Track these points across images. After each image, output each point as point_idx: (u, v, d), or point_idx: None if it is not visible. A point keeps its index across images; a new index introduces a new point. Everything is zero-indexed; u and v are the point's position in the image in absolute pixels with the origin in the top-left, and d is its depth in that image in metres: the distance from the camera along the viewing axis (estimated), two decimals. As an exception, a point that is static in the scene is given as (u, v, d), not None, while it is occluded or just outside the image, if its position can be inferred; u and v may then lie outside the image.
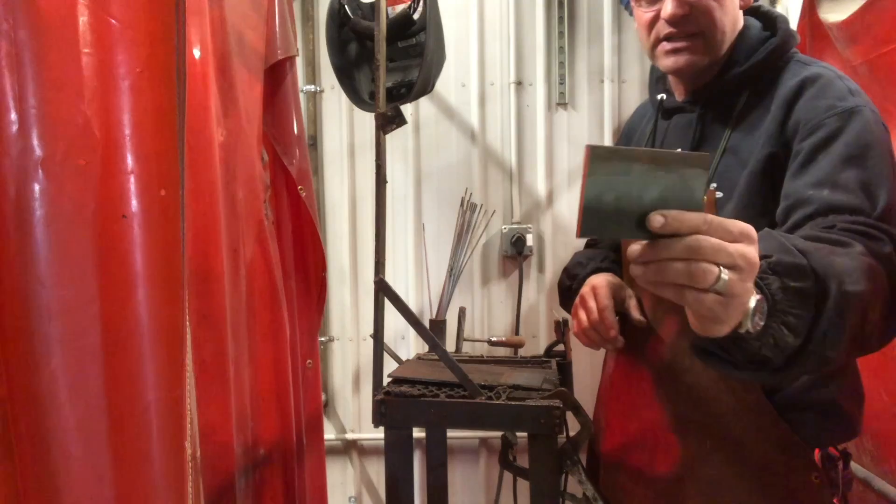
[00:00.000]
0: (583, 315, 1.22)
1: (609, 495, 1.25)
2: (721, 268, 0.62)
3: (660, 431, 1.14)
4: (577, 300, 1.26)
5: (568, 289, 1.40)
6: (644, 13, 1.13)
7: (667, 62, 1.14)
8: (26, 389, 0.65)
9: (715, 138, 1.11)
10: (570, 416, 1.17)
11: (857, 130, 0.95)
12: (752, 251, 0.64)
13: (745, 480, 1.03)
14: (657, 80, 1.29)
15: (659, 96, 1.24)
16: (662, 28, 1.11)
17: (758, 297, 0.68)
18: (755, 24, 1.15)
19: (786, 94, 1.04)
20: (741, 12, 1.14)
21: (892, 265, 0.82)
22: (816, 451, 1.04)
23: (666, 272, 0.63)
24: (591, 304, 1.20)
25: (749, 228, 0.66)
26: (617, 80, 2.25)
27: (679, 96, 1.24)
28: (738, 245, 0.64)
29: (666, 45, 1.12)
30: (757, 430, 1.02)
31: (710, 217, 0.64)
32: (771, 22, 1.14)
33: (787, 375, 0.76)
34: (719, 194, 1.07)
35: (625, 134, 1.47)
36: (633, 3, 1.17)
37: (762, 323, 0.69)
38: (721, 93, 1.13)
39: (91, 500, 0.68)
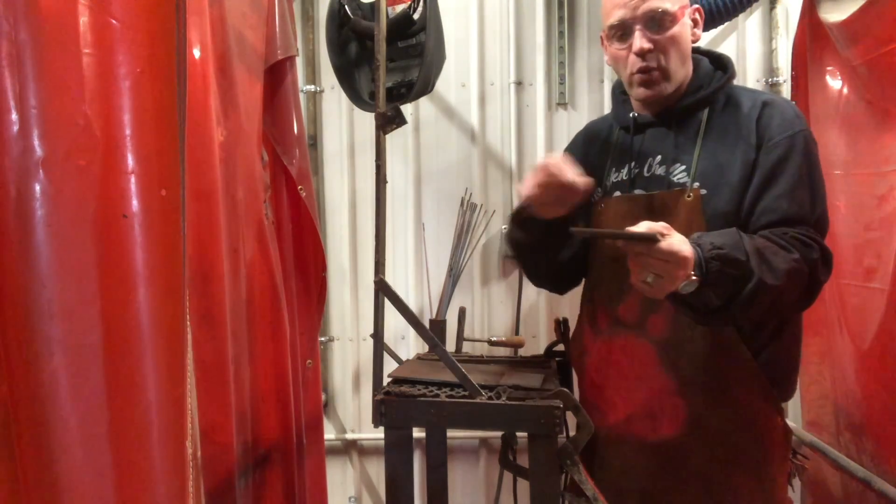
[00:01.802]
0: (539, 171, 1.29)
1: (606, 475, 1.36)
2: (651, 274, 1.08)
3: (666, 397, 1.30)
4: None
5: (517, 214, 1.46)
6: (618, 50, 1.36)
7: (639, 91, 1.36)
8: (26, 389, 0.65)
9: (689, 144, 1.33)
10: (570, 415, 1.17)
11: (803, 152, 1.25)
12: (676, 270, 1.07)
13: (738, 427, 1.28)
14: (623, 101, 1.48)
15: (632, 115, 1.41)
16: (634, 62, 1.33)
17: (693, 278, 1.08)
18: (704, 59, 1.41)
19: (750, 111, 1.30)
20: (691, 49, 1.39)
21: (814, 266, 1.18)
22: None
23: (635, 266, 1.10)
24: (547, 160, 1.30)
25: (677, 254, 1.06)
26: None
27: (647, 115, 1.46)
28: (665, 265, 1.06)
29: (640, 77, 1.33)
30: (745, 384, 1.27)
31: (660, 245, 1.05)
32: (721, 60, 1.41)
33: (715, 320, 1.17)
34: (703, 191, 1.27)
35: (581, 143, 1.57)
36: (605, 43, 1.39)
37: (692, 290, 1.09)
38: (686, 111, 1.36)
39: (91, 499, 0.68)
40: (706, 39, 2.19)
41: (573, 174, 1.26)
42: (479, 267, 2.27)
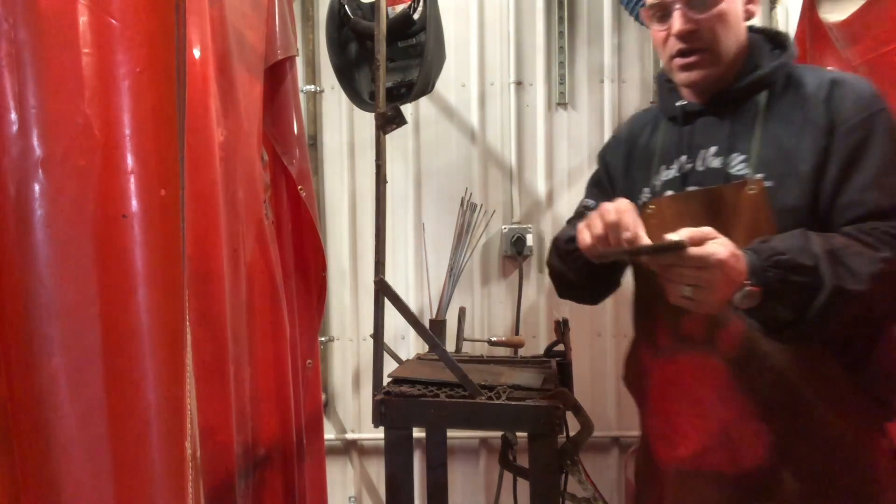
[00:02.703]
0: (597, 221, 1.06)
1: None
2: (686, 287, 0.96)
3: (745, 422, 1.13)
4: (587, 220, 1.11)
5: (570, 241, 1.26)
6: (657, 31, 1.22)
7: (681, 76, 1.20)
8: (26, 389, 0.65)
9: (746, 132, 1.15)
10: (570, 416, 1.17)
11: (886, 134, 1.07)
12: (712, 277, 0.94)
13: (832, 455, 1.09)
14: (669, 90, 1.30)
15: (679, 103, 1.25)
16: (674, 44, 1.18)
17: (748, 288, 0.96)
18: (759, 38, 1.24)
19: (816, 91, 1.12)
20: (745, 26, 1.21)
21: None
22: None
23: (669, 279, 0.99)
24: (608, 208, 1.06)
25: (709, 257, 0.93)
26: (617, 79, 2.25)
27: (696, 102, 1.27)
28: (699, 272, 0.94)
29: (679, 61, 1.19)
30: (837, 403, 1.09)
31: (686, 253, 0.93)
32: (779, 38, 1.24)
33: (791, 335, 1.03)
34: (768, 184, 1.09)
35: (625, 140, 1.38)
36: (646, 22, 1.25)
37: (751, 302, 0.98)
38: (742, 94, 1.18)
39: (91, 499, 0.68)
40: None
41: (639, 232, 1.01)
42: (479, 267, 2.27)
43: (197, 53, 1.16)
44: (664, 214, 1.19)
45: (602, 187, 1.40)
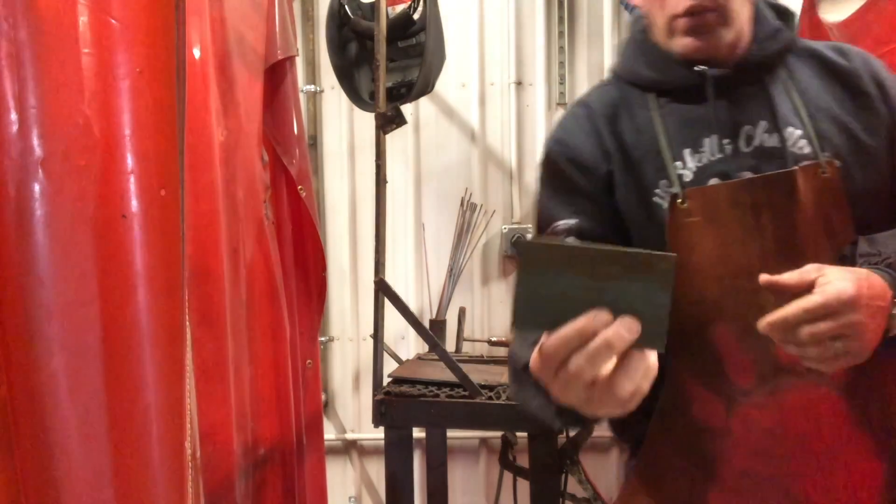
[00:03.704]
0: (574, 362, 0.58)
1: None
2: (833, 342, 0.72)
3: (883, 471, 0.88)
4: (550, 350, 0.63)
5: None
6: None
7: (685, 42, 0.92)
8: (26, 389, 0.65)
9: (789, 104, 0.93)
10: (570, 416, 1.17)
11: None
12: (854, 318, 0.72)
13: None
14: (659, 56, 0.97)
15: (699, 68, 0.93)
16: (680, 1, 0.89)
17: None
18: (765, 7, 1.01)
19: (836, 58, 0.95)
20: None
21: None
22: None
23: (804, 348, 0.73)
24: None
25: (847, 293, 0.71)
26: (617, 80, 2.25)
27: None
28: (840, 319, 0.71)
29: (684, 22, 0.91)
30: None
31: (807, 305, 0.70)
32: (784, 12, 1.03)
33: None
34: (837, 164, 0.88)
35: (600, 129, 0.99)
36: None
37: None
38: (769, 60, 0.95)
39: (91, 499, 0.68)
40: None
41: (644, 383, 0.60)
42: (479, 267, 2.27)
43: (197, 53, 1.16)
44: (710, 209, 0.88)
45: (578, 193, 0.96)
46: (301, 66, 2.23)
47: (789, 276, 0.74)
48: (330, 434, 2.29)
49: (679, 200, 0.89)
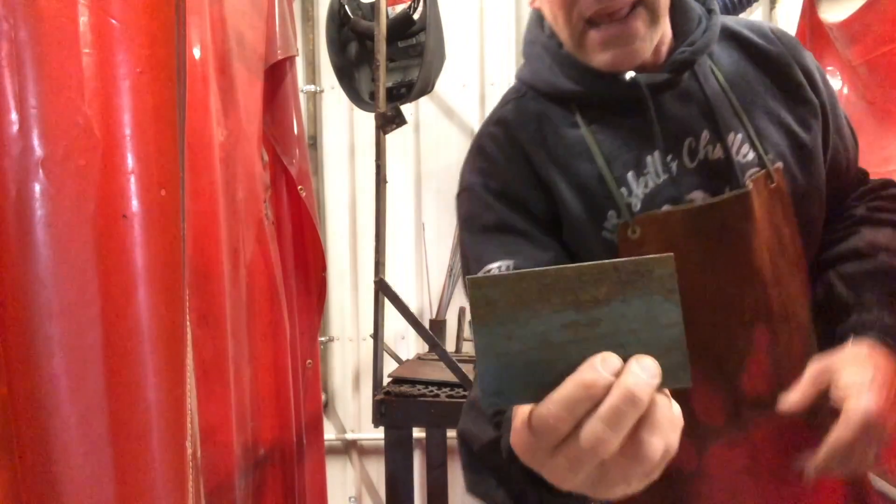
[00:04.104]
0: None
1: None
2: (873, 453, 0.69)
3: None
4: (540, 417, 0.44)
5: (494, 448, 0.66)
6: None
7: (603, 57, 0.75)
8: (26, 389, 0.65)
9: (725, 104, 0.82)
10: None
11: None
12: (883, 430, 0.68)
13: None
14: (572, 61, 0.80)
15: (630, 76, 0.78)
16: (589, 3, 0.72)
17: None
18: None
19: (759, 40, 0.85)
20: None
21: None
22: None
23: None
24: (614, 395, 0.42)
25: (872, 412, 0.67)
26: (617, 80, 2.25)
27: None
28: (872, 437, 0.67)
29: (601, 35, 0.74)
30: None
31: (840, 444, 0.67)
32: None
33: None
34: (779, 164, 0.81)
35: (529, 155, 0.82)
36: None
37: None
38: (696, 56, 0.81)
39: (91, 499, 0.68)
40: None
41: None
42: (479, 267, 2.27)
43: (197, 53, 1.16)
44: (663, 238, 0.79)
45: (511, 231, 0.81)
46: (301, 66, 2.23)
47: (805, 391, 0.71)
48: (330, 434, 2.29)
49: (629, 230, 0.78)
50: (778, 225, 0.80)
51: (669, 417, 0.40)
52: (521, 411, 0.43)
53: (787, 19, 2.21)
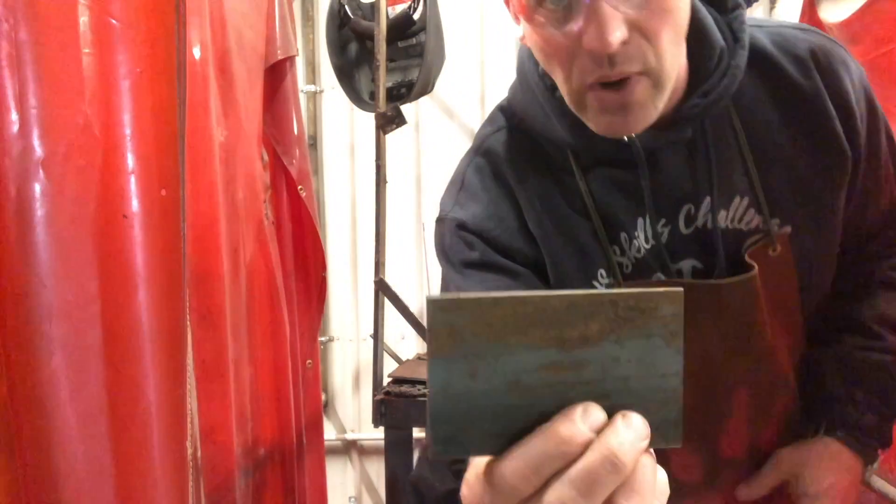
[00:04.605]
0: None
1: None
2: None
3: None
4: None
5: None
6: (551, 34, 0.63)
7: (601, 121, 0.66)
8: (26, 389, 0.65)
9: (735, 160, 0.73)
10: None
11: (886, 127, 0.78)
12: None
13: None
14: (574, 121, 0.70)
15: (627, 138, 0.70)
16: (590, 68, 0.62)
17: (873, 466, 0.76)
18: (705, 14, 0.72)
19: (803, 72, 0.72)
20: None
21: None
22: None
23: None
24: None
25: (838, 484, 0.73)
26: (617, 80, 2.25)
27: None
28: None
29: (601, 99, 0.64)
30: None
31: None
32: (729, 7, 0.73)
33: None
34: (787, 229, 0.73)
35: (520, 199, 0.76)
36: (523, 16, 0.65)
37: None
38: (708, 108, 0.71)
39: (91, 499, 0.68)
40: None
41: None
42: (479, 267, 2.27)
43: (197, 53, 1.16)
44: None
45: (494, 269, 0.76)
46: (301, 66, 2.23)
47: (767, 482, 0.75)
48: (330, 434, 2.29)
49: None
50: (777, 293, 0.74)
51: (653, 485, 0.34)
52: (478, 462, 0.37)
53: (787, 19, 2.21)
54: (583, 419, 0.32)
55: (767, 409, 0.79)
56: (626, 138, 0.70)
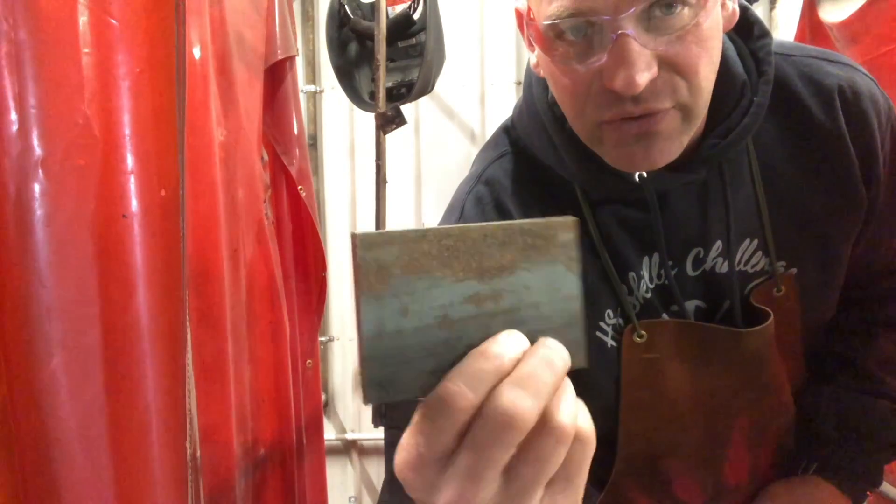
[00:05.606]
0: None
1: None
2: None
3: None
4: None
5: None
6: (571, 68, 0.58)
7: (618, 155, 0.61)
8: (26, 389, 0.65)
9: (747, 201, 0.70)
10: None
11: None
12: None
13: None
14: (575, 143, 0.66)
15: (638, 176, 0.66)
16: (608, 104, 0.57)
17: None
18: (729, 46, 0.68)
19: (826, 112, 0.69)
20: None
21: None
22: None
23: None
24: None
25: None
26: (617, 80, 2.25)
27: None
28: None
29: (623, 134, 0.59)
30: None
31: None
32: (746, 26, 0.69)
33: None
34: (793, 270, 0.73)
35: (525, 212, 0.75)
36: (542, 50, 0.60)
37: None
38: (730, 147, 0.67)
39: (91, 499, 0.68)
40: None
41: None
42: (479, 267, 2.27)
43: (197, 53, 1.16)
44: (667, 344, 0.73)
45: None
46: (301, 66, 2.23)
47: None
48: (330, 434, 2.29)
49: (636, 335, 0.71)
50: (779, 330, 0.74)
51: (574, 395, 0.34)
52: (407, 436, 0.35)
53: (787, 19, 2.21)
54: (510, 340, 0.33)
55: (768, 437, 0.80)
56: (637, 178, 0.66)
